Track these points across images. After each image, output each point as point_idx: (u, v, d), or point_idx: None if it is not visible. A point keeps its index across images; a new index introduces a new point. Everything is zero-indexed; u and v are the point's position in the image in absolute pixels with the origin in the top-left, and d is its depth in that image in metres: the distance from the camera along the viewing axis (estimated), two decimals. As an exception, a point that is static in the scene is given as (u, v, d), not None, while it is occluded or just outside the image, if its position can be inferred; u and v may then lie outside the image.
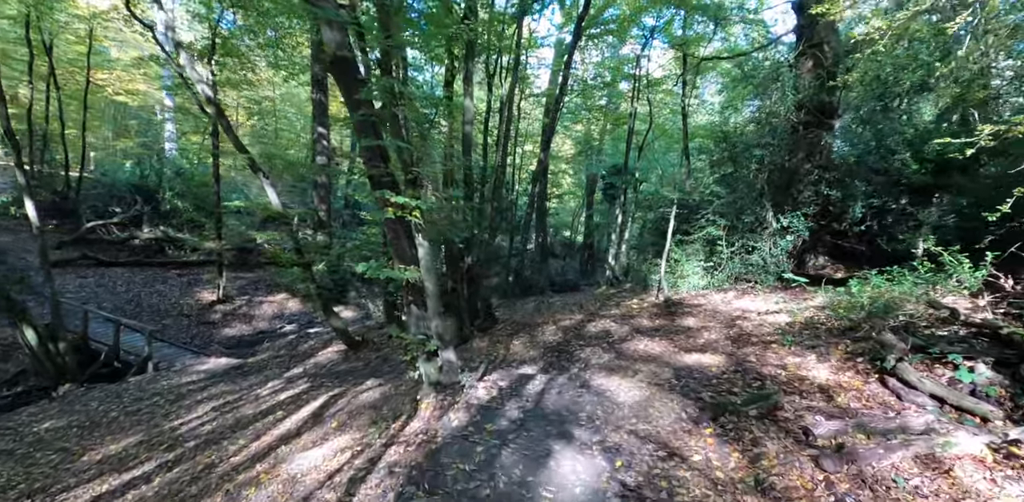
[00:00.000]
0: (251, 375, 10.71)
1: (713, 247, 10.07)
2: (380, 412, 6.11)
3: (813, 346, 5.98)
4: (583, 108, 20.43)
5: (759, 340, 6.73)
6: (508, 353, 8.38)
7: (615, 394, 5.42)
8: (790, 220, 8.95)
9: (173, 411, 8.84)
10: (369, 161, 5.25)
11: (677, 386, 5.36)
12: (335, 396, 7.60)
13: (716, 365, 5.86)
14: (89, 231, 14.92)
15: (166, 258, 15.61)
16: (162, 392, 9.89)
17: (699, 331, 7.65)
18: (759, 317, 7.78)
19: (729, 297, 9.31)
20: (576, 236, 27.03)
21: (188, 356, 11.83)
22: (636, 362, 6.68)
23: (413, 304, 5.61)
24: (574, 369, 6.87)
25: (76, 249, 14.39)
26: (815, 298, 7.95)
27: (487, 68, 14.64)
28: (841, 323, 6.55)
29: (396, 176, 5.29)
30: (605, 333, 8.45)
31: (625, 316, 9.29)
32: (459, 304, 9.27)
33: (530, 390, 5.69)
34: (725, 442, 4.15)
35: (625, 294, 11.84)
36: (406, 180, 5.20)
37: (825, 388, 4.81)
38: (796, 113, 9.29)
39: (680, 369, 5.87)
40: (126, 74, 19.61)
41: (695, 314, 8.62)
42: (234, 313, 14.54)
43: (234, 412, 8.23)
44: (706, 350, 6.72)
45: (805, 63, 9.48)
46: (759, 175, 9.54)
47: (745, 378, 5.30)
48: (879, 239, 8.63)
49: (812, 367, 5.37)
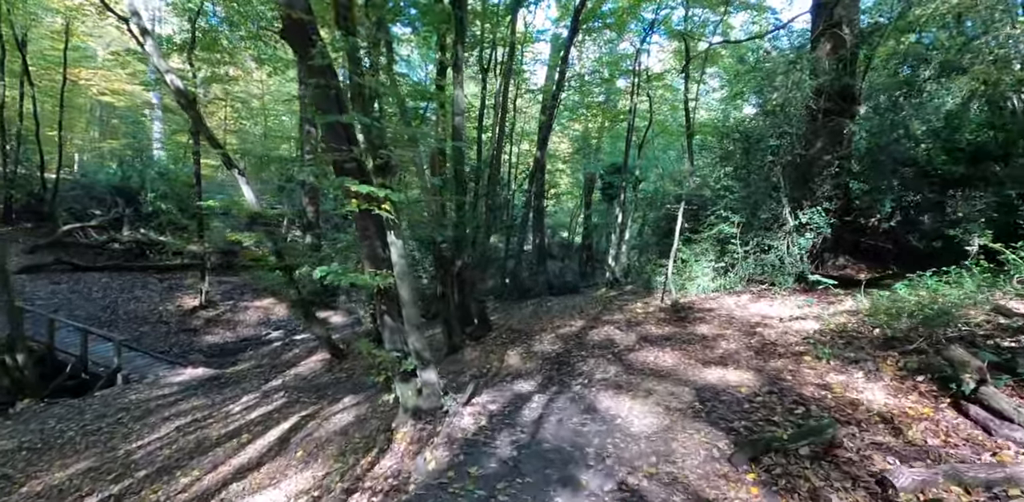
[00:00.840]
0: (228, 387, 9.70)
1: (724, 246, 9.08)
2: (351, 440, 5.12)
3: (856, 360, 5.00)
4: (580, 105, 19.47)
5: (787, 351, 5.74)
6: (502, 365, 7.39)
7: (627, 421, 4.43)
8: (810, 216, 7.97)
9: (135, 430, 7.84)
10: (331, 143, 4.27)
11: (702, 411, 4.37)
12: (307, 417, 6.60)
13: (744, 384, 4.87)
14: (65, 234, 13.89)
15: (147, 262, 14.57)
16: (129, 407, 8.89)
17: (716, 340, 6.66)
18: (782, 324, 6.79)
19: (743, 300, 8.33)
20: (574, 237, 26.03)
21: (163, 367, 10.81)
22: (647, 378, 5.69)
23: (387, 314, 4.62)
24: (576, 385, 5.88)
25: (51, 253, 13.36)
26: (843, 302, 6.98)
27: (481, 62, 13.71)
28: (881, 332, 5.57)
29: (364, 162, 4.30)
30: (609, 342, 7.47)
31: (630, 322, 8.30)
32: (449, 310, 8.29)
33: (526, 416, 4.69)
34: (775, 493, 3.16)
35: (627, 297, 10.85)
36: (375, 166, 4.21)
37: (887, 417, 3.82)
38: (815, 100, 8.32)
39: (702, 389, 4.88)
40: (111, 73, 18.58)
41: (708, 320, 7.63)
42: (217, 319, 13.51)
43: (199, 432, 7.23)
44: (727, 363, 5.73)
45: (823, 45, 8.51)
46: (774, 168, 8.56)
47: (784, 402, 4.31)
48: (910, 236, 7.65)
49: (862, 387, 4.38)
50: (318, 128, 11.32)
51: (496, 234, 18.13)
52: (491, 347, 8.26)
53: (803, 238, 8.04)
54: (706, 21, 15.36)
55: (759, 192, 8.72)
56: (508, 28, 12.97)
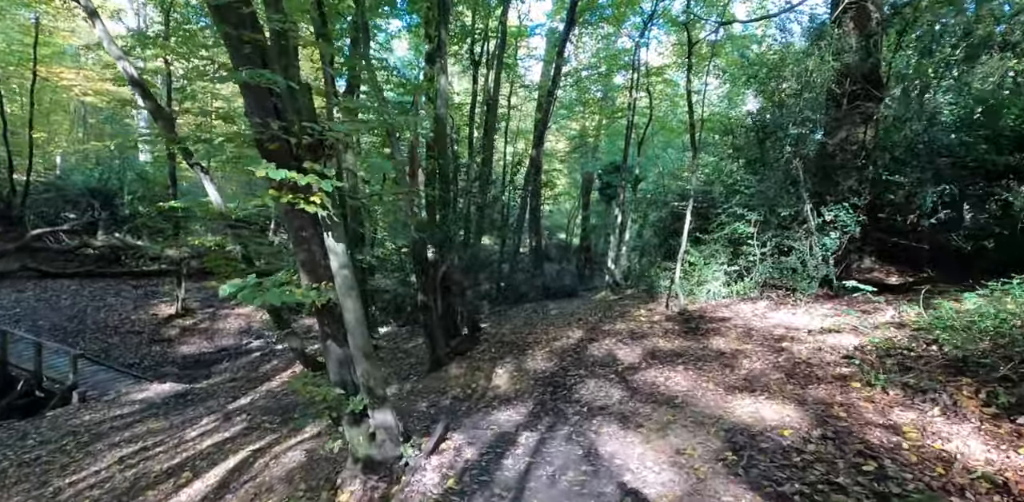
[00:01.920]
0: (192, 406, 8.60)
1: (737, 247, 7.98)
2: (295, 492, 4.01)
3: (921, 389, 3.89)
4: (578, 103, 18.41)
5: (826, 374, 4.63)
6: (489, 385, 6.28)
7: (639, 477, 3.32)
8: (835, 213, 6.87)
9: (76, 460, 6.74)
10: (253, 116, 3.17)
11: (737, 465, 3.25)
12: (259, 451, 5.49)
13: (785, 423, 3.76)
14: (34, 239, 12.79)
15: (121, 268, 13.45)
16: (78, 431, 7.79)
17: (736, 357, 5.55)
18: (811, 337, 5.68)
19: (761, 308, 7.22)
20: (572, 238, 24.93)
21: (127, 382, 9.70)
22: (659, 407, 4.59)
23: (330, 338, 3.52)
24: (573, 415, 4.77)
25: (17, 259, 12.26)
26: (882, 312, 5.87)
27: (472, 55, 12.64)
28: (940, 350, 4.47)
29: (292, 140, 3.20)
30: (611, 358, 6.36)
31: (634, 333, 7.19)
32: (431, 321, 7.18)
33: (509, 468, 3.59)
34: None
35: (629, 302, 9.73)
36: (304, 145, 3.11)
37: (998, 481, 2.71)
38: (839, 83, 7.24)
39: (732, 429, 3.76)
40: (94, 73, 17.49)
41: (723, 332, 6.52)
42: (194, 328, 12.40)
43: (141, 466, 6.13)
44: (755, 389, 4.62)
45: (847, 22, 7.42)
46: (793, 160, 7.45)
47: (845, 453, 3.19)
48: (953, 234, 6.53)
49: (946, 432, 3.27)
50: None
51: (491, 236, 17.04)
52: (478, 362, 7.15)
53: (828, 238, 6.94)
54: (709, 11, 14.28)
55: (776, 187, 7.62)
56: (500, 18, 11.88)
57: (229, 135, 3.68)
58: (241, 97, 3.49)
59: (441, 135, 7.82)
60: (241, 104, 6.18)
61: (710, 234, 8.25)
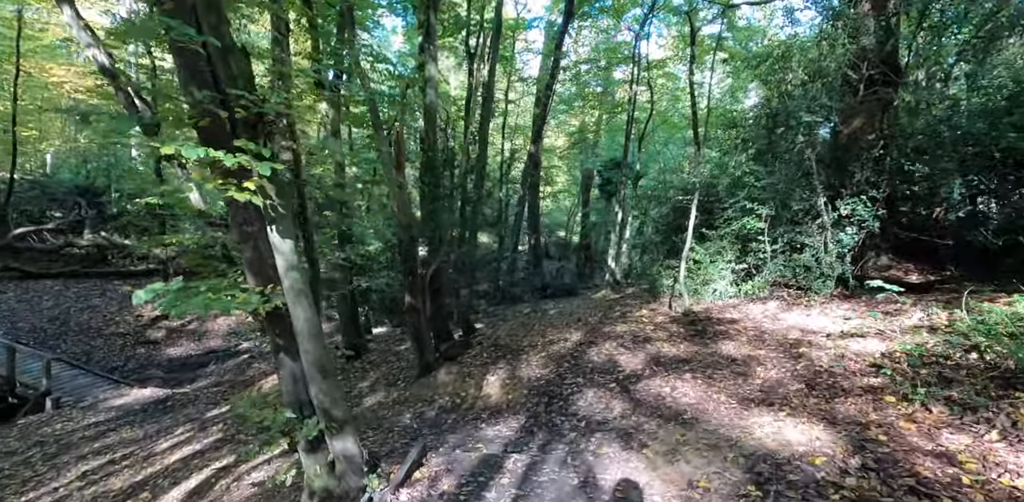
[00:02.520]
0: (170, 413, 8.07)
1: (746, 244, 7.40)
2: (250, 525, 3.46)
3: (971, 407, 3.32)
4: (577, 97, 17.79)
5: (853, 385, 4.06)
6: (480, 394, 5.72)
7: (646, 514, 2.76)
8: (852, 207, 6.29)
9: (39, 474, 6.21)
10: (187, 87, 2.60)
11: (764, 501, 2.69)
12: (224, 469, 4.95)
13: (816, 448, 3.18)
14: (17, 239, 12.25)
15: (108, 268, 12.90)
16: (47, 441, 7.26)
17: (749, 364, 4.98)
18: (831, 342, 5.10)
19: (772, 309, 6.64)
20: (572, 236, 24.32)
21: (106, 387, 9.16)
22: (666, 424, 4.02)
23: (282, 352, 2.96)
24: (569, 431, 4.21)
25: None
26: (908, 314, 5.29)
27: (467, 47, 12.05)
28: (987, 359, 3.89)
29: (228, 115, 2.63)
30: (611, 364, 5.78)
31: (637, 336, 6.60)
32: (419, 325, 6.62)
33: (493, 501, 3.02)
34: None
35: (630, 301, 9.15)
36: (240, 120, 2.54)
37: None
38: (855, 69, 6.64)
39: (754, 455, 3.19)
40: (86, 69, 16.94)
41: (732, 335, 5.95)
42: (181, 330, 11.87)
43: (102, 482, 5.60)
44: (774, 402, 4.05)
45: (863, 3, 6.83)
46: (806, 150, 6.86)
47: (893, 488, 2.62)
48: (981, 230, 5.93)
49: (1013, 463, 2.70)
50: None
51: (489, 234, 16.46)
52: (470, 368, 6.58)
53: (844, 234, 6.36)
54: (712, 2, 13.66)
55: (787, 179, 7.03)
56: (495, 7, 11.27)
57: (164, 112, 3.12)
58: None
59: (431, 124, 7.25)
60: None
61: (716, 230, 7.67)
